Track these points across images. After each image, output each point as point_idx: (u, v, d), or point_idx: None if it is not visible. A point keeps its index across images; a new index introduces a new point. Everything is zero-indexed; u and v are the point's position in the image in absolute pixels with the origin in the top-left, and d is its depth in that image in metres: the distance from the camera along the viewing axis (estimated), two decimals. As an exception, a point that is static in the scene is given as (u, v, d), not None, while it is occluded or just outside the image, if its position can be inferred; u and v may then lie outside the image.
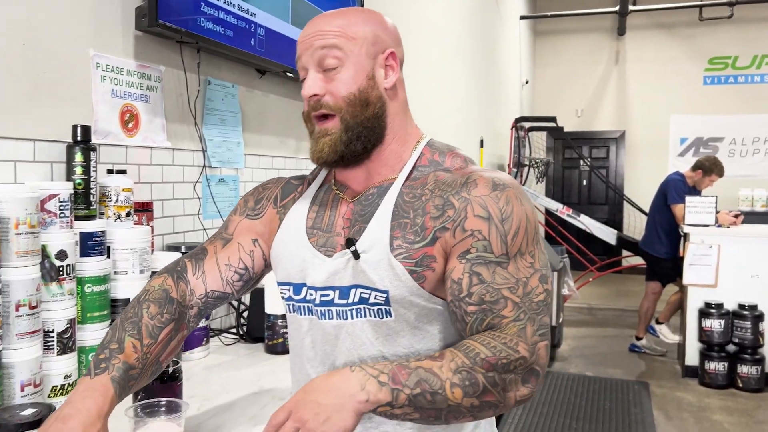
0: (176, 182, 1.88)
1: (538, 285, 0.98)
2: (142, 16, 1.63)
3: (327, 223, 1.10)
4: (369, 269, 1.01)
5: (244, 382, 1.57)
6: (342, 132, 1.03)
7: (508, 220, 0.97)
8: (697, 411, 4.12)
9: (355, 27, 1.05)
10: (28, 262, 1.28)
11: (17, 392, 1.26)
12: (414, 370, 0.91)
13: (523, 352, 0.93)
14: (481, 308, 0.96)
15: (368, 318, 1.03)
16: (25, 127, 1.40)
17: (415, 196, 1.03)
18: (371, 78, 1.05)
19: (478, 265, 0.97)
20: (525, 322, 0.95)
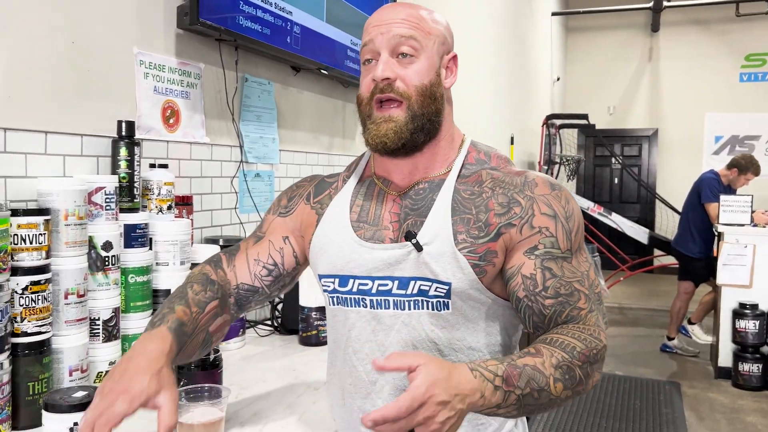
0: (214, 177, 1.93)
1: (594, 278, 1.04)
2: (184, 14, 1.68)
3: (373, 216, 1.11)
4: (432, 261, 1.02)
5: (280, 372, 1.60)
6: (409, 120, 1.04)
7: (572, 217, 1.03)
8: (730, 412, 4.07)
9: (431, 24, 1.08)
10: (76, 252, 1.33)
11: (66, 377, 1.32)
12: (522, 369, 0.91)
13: (604, 341, 0.99)
14: (558, 301, 1.00)
15: (426, 310, 1.05)
16: (73, 123, 1.46)
17: (473, 193, 1.06)
18: (438, 75, 1.08)
19: (548, 260, 1.01)
20: (597, 312, 1.01)
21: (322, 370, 1.60)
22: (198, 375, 1.24)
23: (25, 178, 1.35)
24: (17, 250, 1.22)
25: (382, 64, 1.05)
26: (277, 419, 1.30)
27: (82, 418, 0.86)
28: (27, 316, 1.23)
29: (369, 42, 1.07)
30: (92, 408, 0.87)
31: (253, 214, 2.10)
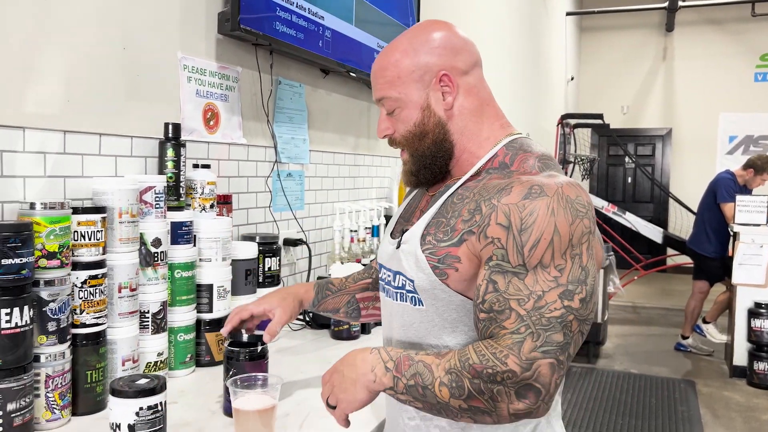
0: (250, 176, 2.00)
1: (555, 300, 0.93)
2: (225, 21, 1.75)
3: (409, 212, 1.22)
4: (404, 258, 1.10)
5: (316, 363, 1.67)
6: (411, 163, 1.15)
7: (527, 231, 0.95)
8: (746, 411, 4.10)
9: (402, 65, 1.09)
10: (129, 249, 1.40)
11: (119, 366, 1.39)
12: (415, 363, 0.97)
13: (512, 366, 0.90)
14: (489, 316, 0.96)
15: (407, 303, 1.12)
16: (124, 125, 1.53)
17: (461, 198, 1.07)
18: (426, 108, 1.10)
19: (496, 273, 0.97)
20: (525, 336, 0.92)
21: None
22: (246, 365, 1.31)
23: (82, 178, 1.42)
24: (77, 246, 1.29)
25: (379, 123, 1.16)
26: (320, 408, 1.37)
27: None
28: (86, 308, 1.31)
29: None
30: (241, 305, 1.42)
31: (285, 212, 2.17)
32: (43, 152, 1.33)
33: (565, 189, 0.97)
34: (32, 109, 1.31)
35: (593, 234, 1.00)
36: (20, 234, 1.15)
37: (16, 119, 1.28)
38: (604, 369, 4.88)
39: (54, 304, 1.23)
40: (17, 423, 1.16)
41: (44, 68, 1.34)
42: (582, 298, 0.94)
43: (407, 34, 1.13)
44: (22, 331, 1.16)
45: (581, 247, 0.96)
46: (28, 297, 1.18)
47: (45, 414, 1.23)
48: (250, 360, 1.32)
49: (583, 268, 0.96)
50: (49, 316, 1.23)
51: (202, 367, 1.62)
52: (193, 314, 1.61)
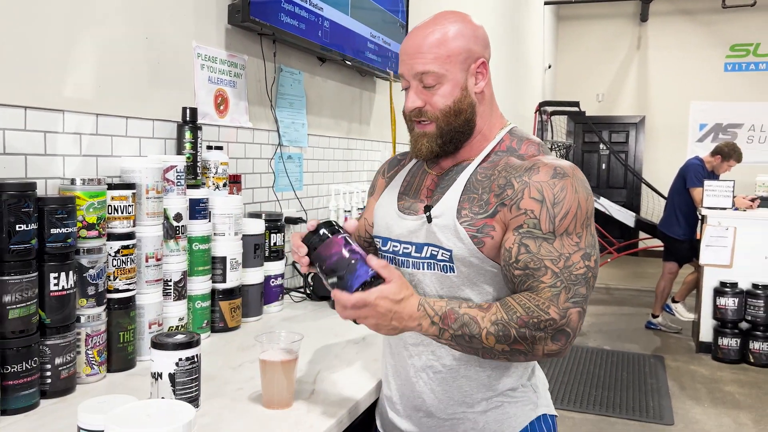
0: (255, 158, 2.13)
1: (579, 261, 1.12)
2: (236, 12, 1.87)
3: (414, 190, 1.33)
4: (438, 231, 1.21)
5: (320, 330, 1.82)
6: (437, 136, 1.23)
7: (560, 204, 1.12)
8: (710, 383, 4.36)
9: (451, 45, 1.20)
10: (155, 222, 1.54)
11: (146, 329, 1.53)
12: (461, 315, 1.11)
13: (553, 314, 1.09)
14: (525, 273, 1.13)
15: (436, 272, 1.24)
16: (146, 109, 1.66)
17: (485, 176, 1.21)
18: (464, 89, 1.22)
19: (527, 238, 1.13)
20: (560, 289, 1.10)
21: (359, 329, 1.82)
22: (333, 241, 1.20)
23: (111, 157, 1.55)
24: (111, 219, 1.43)
25: (411, 96, 1.23)
26: (329, 365, 1.52)
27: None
28: (119, 275, 1.44)
29: (401, 74, 1.25)
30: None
31: (287, 192, 2.31)
32: (79, 133, 1.46)
33: (576, 171, 1.17)
34: (70, 94, 1.44)
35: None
36: (66, 206, 1.29)
37: (57, 103, 1.40)
38: (580, 346, 5.11)
39: (93, 271, 1.37)
40: (63, 375, 1.30)
41: (79, 56, 1.46)
42: (595, 258, 1.16)
43: (444, 19, 1.23)
44: (67, 293, 1.30)
45: (591, 218, 1.17)
46: (72, 263, 1.31)
47: (85, 369, 1.37)
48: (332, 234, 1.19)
49: (593, 235, 1.17)
50: (88, 281, 1.36)
51: (216, 332, 1.77)
52: (208, 284, 1.75)
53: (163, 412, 0.94)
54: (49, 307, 1.28)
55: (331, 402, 1.30)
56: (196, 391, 1.21)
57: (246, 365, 1.50)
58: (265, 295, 1.98)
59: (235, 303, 1.81)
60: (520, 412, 1.28)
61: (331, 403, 1.29)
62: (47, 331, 1.28)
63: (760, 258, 4.77)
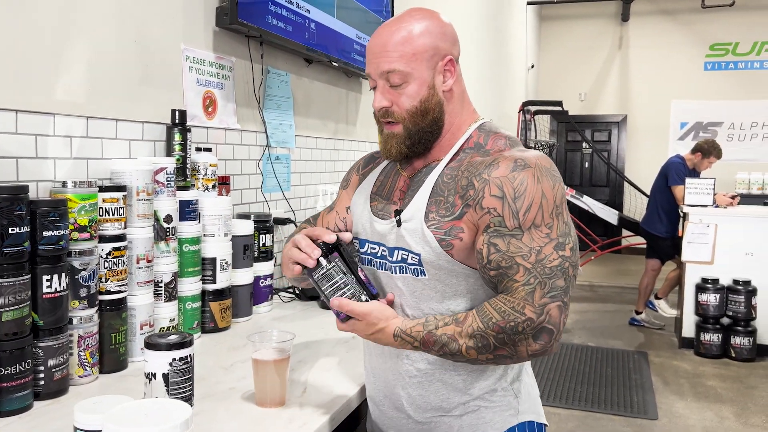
0: (243, 159, 2.15)
1: (552, 252, 1.09)
2: (224, 15, 1.89)
3: (387, 192, 1.31)
4: (407, 235, 1.20)
5: (309, 329, 1.84)
6: (405, 137, 1.21)
7: (521, 198, 1.10)
8: (693, 377, 4.43)
9: (417, 42, 1.17)
10: (146, 224, 1.55)
11: (137, 330, 1.54)
12: (439, 337, 1.12)
13: (529, 314, 1.07)
14: (498, 272, 1.11)
15: (408, 275, 1.22)
16: (136, 111, 1.67)
17: (451, 177, 1.19)
18: (431, 87, 1.19)
19: (495, 237, 1.11)
20: (534, 285, 1.07)
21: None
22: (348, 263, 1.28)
23: (101, 160, 1.56)
24: (102, 221, 1.44)
25: (377, 95, 1.21)
26: (320, 364, 1.54)
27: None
28: (110, 277, 1.45)
29: (368, 73, 1.24)
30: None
31: (276, 193, 2.32)
32: (69, 136, 1.47)
33: (540, 160, 1.14)
34: (61, 97, 1.44)
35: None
36: (58, 209, 1.29)
37: (48, 106, 1.41)
38: (565, 343, 5.16)
39: (85, 273, 1.38)
40: (57, 377, 1.30)
41: (70, 60, 1.47)
42: (571, 247, 1.12)
43: (410, 17, 1.21)
44: (60, 295, 1.31)
45: (562, 206, 1.13)
46: (64, 265, 1.32)
47: (78, 371, 1.38)
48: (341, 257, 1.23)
49: (566, 223, 1.14)
50: (80, 283, 1.37)
51: (206, 333, 1.78)
52: (199, 285, 1.76)
53: (159, 411, 0.96)
54: (42, 309, 1.28)
55: (323, 400, 1.32)
56: (190, 391, 1.23)
57: (237, 365, 1.51)
58: (254, 296, 1.99)
59: (225, 303, 1.82)
60: (498, 418, 1.25)
61: (324, 401, 1.31)
62: (40, 333, 1.28)
63: (740, 254, 4.86)
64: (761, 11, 9.22)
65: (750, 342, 4.73)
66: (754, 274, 4.80)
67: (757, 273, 4.80)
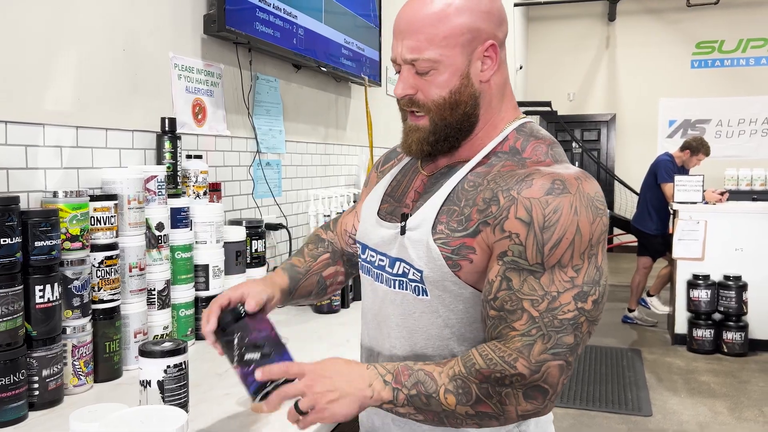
0: (234, 166, 2.15)
1: (570, 302, 0.91)
2: (212, 22, 1.89)
3: (401, 192, 1.13)
4: (410, 246, 1.03)
5: (304, 333, 1.85)
6: (430, 133, 1.03)
7: (550, 229, 0.91)
8: (686, 373, 4.46)
9: (452, 22, 0.98)
10: (137, 232, 1.55)
11: (131, 338, 1.55)
12: (415, 371, 0.94)
13: (521, 369, 0.90)
14: (499, 315, 0.93)
15: (408, 292, 1.05)
16: (126, 120, 1.67)
17: (474, 185, 1.01)
18: (465, 77, 1.00)
19: (511, 270, 0.93)
20: (535, 338, 0.90)
21: (343, 332, 1.87)
22: (249, 323, 1.17)
23: (92, 169, 1.56)
24: (94, 230, 1.44)
25: (400, 81, 1.03)
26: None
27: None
28: (103, 286, 1.45)
29: (393, 56, 1.05)
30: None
31: (267, 199, 2.33)
32: (59, 146, 1.47)
33: (584, 186, 0.94)
34: (50, 107, 1.45)
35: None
36: (49, 219, 1.30)
37: (38, 116, 1.41)
38: (558, 342, 5.17)
39: (77, 282, 1.38)
40: (51, 387, 1.31)
41: (58, 70, 1.47)
42: (595, 299, 0.93)
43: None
44: (53, 305, 1.31)
45: (598, 247, 0.94)
46: (57, 275, 1.33)
47: (72, 380, 1.38)
48: (250, 316, 1.13)
49: (598, 269, 0.94)
50: (73, 292, 1.37)
51: (200, 340, 1.78)
52: (192, 291, 1.76)
53: (156, 418, 0.97)
54: (35, 320, 1.29)
55: (318, 403, 1.32)
56: (185, 398, 1.23)
57: (232, 371, 1.50)
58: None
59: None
60: None
61: (319, 405, 1.32)
62: (34, 343, 1.28)
63: (730, 250, 4.89)
64: (746, 8, 9.31)
65: (742, 337, 4.76)
66: (744, 269, 4.84)
67: (747, 268, 4.84)
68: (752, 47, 9.41)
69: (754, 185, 7.73)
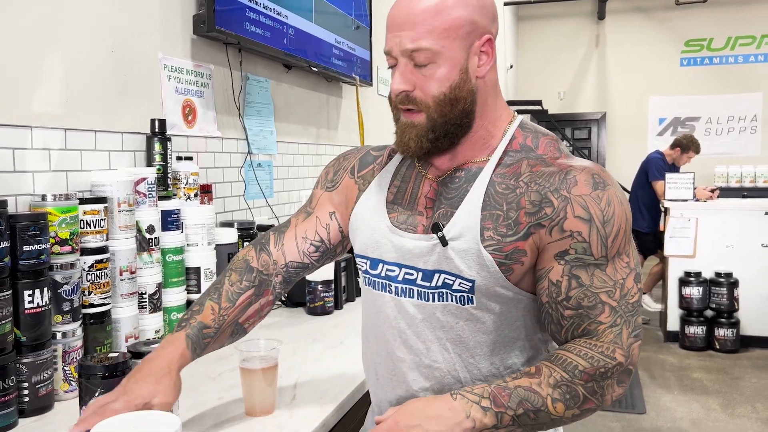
0: (225, 167, 2.14)
1: (633, 285, 0.97)
2: (201, 23, 1.88)
3: (409, 200, 1.09)
4: (456, 257, 1.00)
5: (297, 335, 1.83)
6: (429, 130, 1.01)
7: (610, 222, 0.95)
8: (679, 371, 4.47)
9: (451, 14, 0.97)
10: (128, 235, 1.54)
11: (122, 343, 1.53)
12: (514, 390, 0.93)
13: (619, 359, 0.95)
14: (578, 313, 0.96)
15: (449, 302, 1.03)
16: (115, 122, 1.65)
17: (508, 187, 1.00)
18: (464, 71, 1.00)
19: (577, 267, 0.96)
20: (621, 326, 0.95)
21: (336, 334, 1.85)
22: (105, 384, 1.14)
23: (81, 172, 1.54)
24: (84, 233, 1.42)
25: (397, 75, 1.01)
26: (308, 371, 1.54)
27: (91, 402, 1.03)
28: (93, 290, 1.44)
29: (388, 50, 1.02)
30: (102, 397, 1.00)
31: (258, 200, 2.32)
32: (48, 149, 1.45)
33: (611, 176, 1.01)
34: (38, 110, 1.43)
35: None
36: (38, 223, 1.28)
37: (25, 119, 1.39)
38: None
39: (67, 286, 1.36)
40: (41, 393, 1.29)
41: (46, 72, 1.45)
42: (641, 276, 1.02)
43: None
44: (42, 310, 1.29)
45: (630, 229, 1.01)
46: (46, 280, 1.30)
47: (63, 386, 1.36)
48: (112, 377, 1.11)
49: (635, 249, 1.02)
50: (63, 297, 1.35)
51: (193, 343, 1.76)
52: (183, 294, 1.75)
53: (147, 423, 0.95)
54: (24, 325, 1.27)
55: (312, 406, 1.31)
56: (176, 402, 1.22)
57: (225, 374, 1.50)
58: (240, 304, 1.97)
59: None
60: None
61: (313, 408, 1.30)
62: (23, 349, 1.26)
63: (721, 247, 4.91)
64: (734, 6, 9.36)
65: (734, 333, 4.78)
66: (735, 266, 4.86)
67: (738, 265, 4.86)
68: (741, 45, 9.46)
69: (743, 182, 7.79)
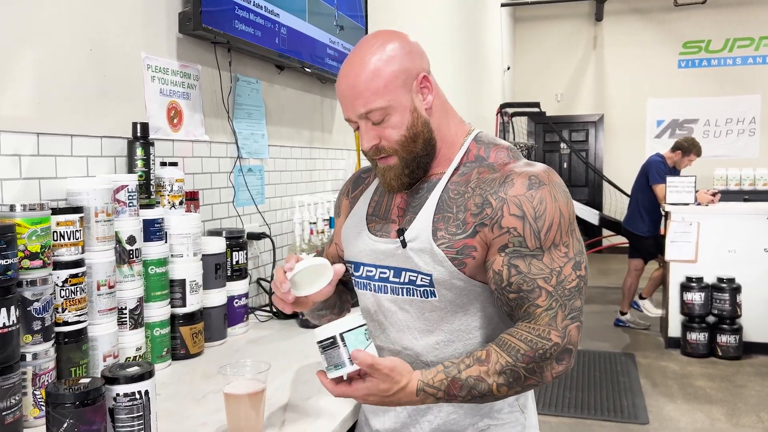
0: (213, 173, 2.03)
1: (570, 273, 1.09)
2: (187, 21, 1.78)
3: (384, 211, 1.27)
4: (415, 255, 1.16)
5: (288, 352, 1.73)
6: (403, 167, 1.18)
7: (542, 217, 1.09)
8: (681, 378, 4.38)
9: (386, 73, 1.12)
10: (106, 247, 1.43)
11: (100, 362, 1.43)
12: (465, 380, 1.06)
13: (555, 339, 1.06)
14: (519, 296, 1.09)
15: (416, 297, 1.19)
16: (93, 126, 1.55)
17: (458, 193, 1.16)
18: (414, 110, 1.15)
19: (515, 258, 1.10)
20: (556, 309, 1.07)
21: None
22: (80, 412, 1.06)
23: (56, 179, 1.44)
24: (57, 246, 1.32)
25: (363, 136, 1.17)
26: (299, 392, 1.44)
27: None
28: (67, 306, 1.33)
29: (347, 118, 1.19)
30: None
31: (249, 207, 2.21)
32: (18, 155, 1.35)
33: (552, 176, 1.13)
34: (6, 112, 1.32)
35: None
36: (4, 236, 1.17)
37: (-8, 123, 1.29)
38: (550, 347, 5.09)
39: (38, 304, 1.26)
40: (8, 421, 1.18)
41: (16, 72, 1.35)
42: (585, 265, 1.13)
43: (370, 46, 1.15)
44: (9, 331, 1.18)
45: (574, 223, 1.13)
46: (14, 297, 1.20)
47: (33, 411, 1.26)
48: (83, 405, 1.05)
49: (579, 240, 1.14)
50: (33, 315, 1.25)
51: (177, 360, 1.66)
52: (167, 309, 1.64)
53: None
54: (-11, 347, 1.16)
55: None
56: (140, 430, 1.11)
57: (210, 396, 1.40)
58: (228, 317, 1.88)
59: (196, 328, 1.70)
60: None
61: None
62: (-12, 373, 1.16)
63: (723, 252, 4.83)
64: (732, 8, 9.30)
65: (736, 340, 4.69)
66: (738, 271, 4.78)
67: (741, 270, 4.77)
68: (739, 47, 9.41)
69: (743, 185, 7.71)
